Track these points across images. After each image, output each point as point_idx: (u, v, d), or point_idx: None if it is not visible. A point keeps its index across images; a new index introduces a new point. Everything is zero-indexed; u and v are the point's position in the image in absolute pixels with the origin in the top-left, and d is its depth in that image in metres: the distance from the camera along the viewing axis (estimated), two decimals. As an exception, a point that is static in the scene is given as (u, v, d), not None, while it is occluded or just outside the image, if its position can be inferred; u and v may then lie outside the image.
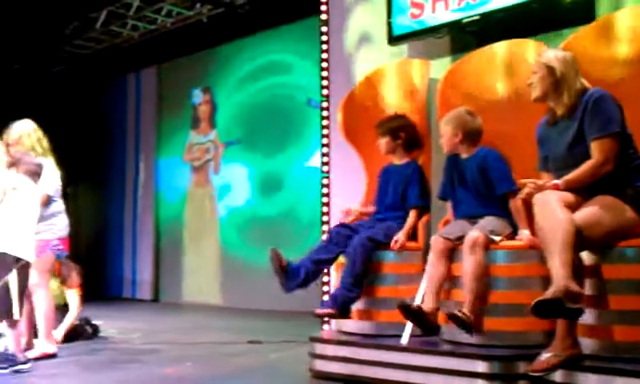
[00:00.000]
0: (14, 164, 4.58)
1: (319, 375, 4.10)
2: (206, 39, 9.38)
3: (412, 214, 4.24)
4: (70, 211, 5.35)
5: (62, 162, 5.26)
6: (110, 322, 6.66)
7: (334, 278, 4.73)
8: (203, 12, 8.81)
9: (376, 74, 4.91)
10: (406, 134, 4.41)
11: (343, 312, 4.06)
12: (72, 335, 5.71)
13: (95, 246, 10.80)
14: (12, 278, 4.35)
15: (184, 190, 10.04)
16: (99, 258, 10.75)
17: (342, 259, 4.19)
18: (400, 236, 4.12)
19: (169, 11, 8.96)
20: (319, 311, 4.12)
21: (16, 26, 9.56)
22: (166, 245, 10.21)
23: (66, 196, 5.30)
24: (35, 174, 4.64)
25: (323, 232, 5.31)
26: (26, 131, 5.00)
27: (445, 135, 4.04)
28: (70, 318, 5.72)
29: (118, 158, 10.92)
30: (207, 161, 9.76)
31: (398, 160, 4.46)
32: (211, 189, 9.67)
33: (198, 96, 9.97)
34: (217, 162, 9.62)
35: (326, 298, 5.06)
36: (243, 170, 9.22)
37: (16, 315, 4.33)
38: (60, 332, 5.51)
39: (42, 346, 4.87)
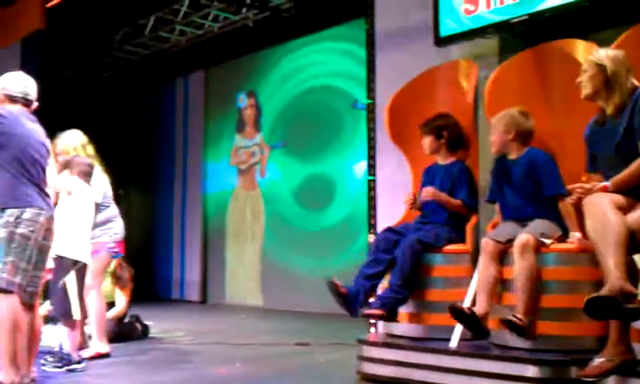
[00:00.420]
0: (66, 166, 4.72)
1: (367, 378, 4.11)
2: (251, 43, 9.48)
3: (460, 205, 4.22)
4: (121, 214, 5.47)
5: (111, 166, 5.41)
6: (159, 323, 6.78)
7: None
8: (249, 16, 8.90)
9: (423, 76, 4.89)
10: (450, 133, 4.39)
11: (390, 314, 4.06)
12: (123, 334, 5.84)
13: (145, 248, 10.99)
14: (70, 280, 4.49)
15: (230, 193, 10.15)
16: (148, 260, 10.95)
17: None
18: (430, 188, 4.18)
19: (215, 16, 9.08)
20: (367, 311, 4.13)
21: (67, 33, 9.83)
22: (213, 247, 10.35)
23: (117, 199, 5.44)
24: (88, 174, 4.77)
25: (370, 233, 5.31)
26: (71, 142, 5.14)
27: (495, 133, 4.00)
28: (112, 314, 5.81)
29: (167, 162, 11.10)
30: (253, 164, 9.86)
31: (442, 159, 4.44)
32: (257, 192, 9.76)
33: (243, 100, 10.08)
34: (263, 165, 9.71)
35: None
36: (288, 173, 9.28)
37: (76, 316, 4.46)
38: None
39: (95, 345, 5.00)
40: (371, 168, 5.51)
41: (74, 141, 5.15)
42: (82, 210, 4.64)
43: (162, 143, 11.23)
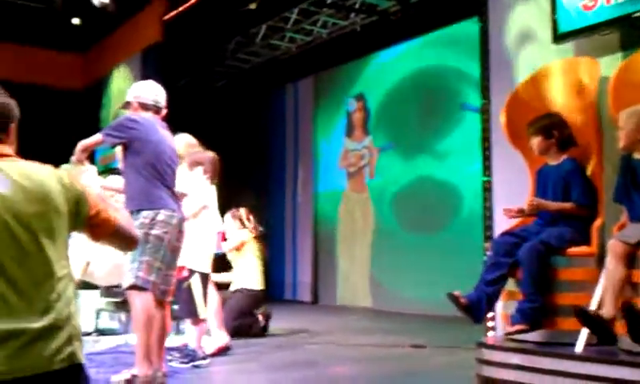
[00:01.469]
0: (199, 163, 4.94)
1: (487, 381, 4.05)
2: (359, 47, 9.57)
3: (573, 207, 4.09)
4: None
5: (225, 171, 5.61)
6: (274, 323, 6.97)
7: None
8: (357, 21, 8.98)
9: (541, 73, 4.77)
10: (559, 132, 4.26)
11: (534, 324, 3.93)
12: (244, 329, 6.07)
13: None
14: (194, 282, 4.72)
15: (340, 196, 10.28)
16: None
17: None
18: (536, 199, 4.04)
19: (324, 22, 9.23)
20: (510, 329, 4.01)
21: (183, 44, 10.28)
22: (323, 249, 10.51)
23: (230, 204, 5.65)
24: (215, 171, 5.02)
25: (486, 236, 5.23)
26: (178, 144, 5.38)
27: (625, 129, 3.83)
28: None
29: (278, 167, 11.39)
30: (362, 166, 9.94)
31: (553, 160, 4.30)
32: (366, 194, 9.83)
33: (352, 104, 10.18)
34: (372, 167, 9.77)
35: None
36: (398, 174, 9.29)
37: (201, 314, 4.69)
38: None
39: (215, 339, 5.21)
40: (486, 169, 5.42)
41: (180, 143, 5.38)
42: (211, 224, 4.87)
43: (273, 148, 11.52)
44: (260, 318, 6.42)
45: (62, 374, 1.93)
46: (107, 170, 8.05)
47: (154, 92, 4.04)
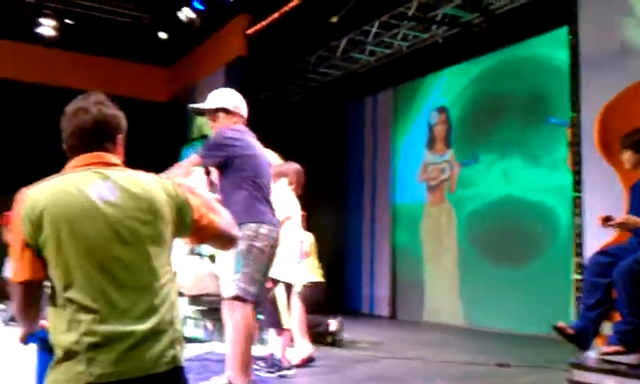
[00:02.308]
0: (284, 174, 4.99)
1: (578, 403, 3.93)
2: (441, 60, 9.49)
3: None
4: (313, 229, 5.69)
5: (303, 183, 5.64)
6: (352, 335, 6.96)
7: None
8: (438, 33, 8.91)
9: (636, 87, 4.62)
10: None
11: (631, 346, 3.81)
12: (320, 335, 6.10)
13: (336, 262, 11.34)
14: (278, 292, 4.78)
15: (420, 209, 10.19)
16: (339, 274, 11.26)
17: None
18: (630, 216, 3.90)
19: (405, 35, 9.19)
20: (606, 349, 3.92)
21: (265, 58, 10.46)
22: (402, 263, 10.43)
23: (309, 216, 5.67)
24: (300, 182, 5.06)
25: (577, 254, 5.08)
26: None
27: None
28: None
29: (356, 179, 11.40)
30: (443, 180, 9.82)
31: (646, 175, 4.16)
32: (448, 207, 9.70)
33: (434, 116, 10.09)
34: (453, 181, 9.64)
35: (573, 319, 4.79)
36: (479, 189, 9.13)
37: (285, 325, 4.73)
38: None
39: (299, 349, 5.24)
40: (576, 184, 5.28)
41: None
42: (295, 234, 4.92)
43: (352, 160, 11.54)
44: (333, 324, 6.42)
45: (165, 376, 1.99)
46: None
47: (236, 99, 4.05)
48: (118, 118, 2.21)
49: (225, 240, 2.34)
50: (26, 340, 2.15)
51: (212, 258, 5.92)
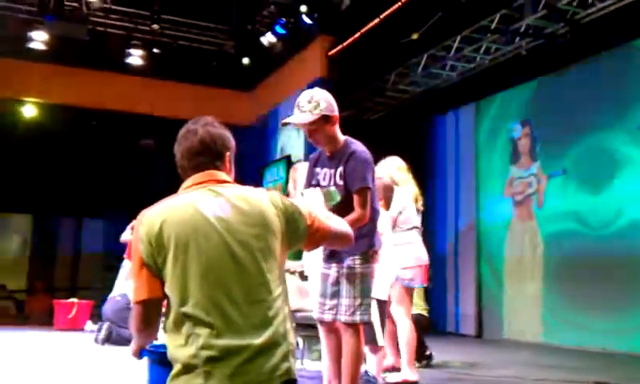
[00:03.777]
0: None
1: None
2: (523, 72, 9.31)
3: None
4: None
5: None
6: (440, 355, 6.84)
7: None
8: (522, 45, 8.76)
9: None
10: None
11: None
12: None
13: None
14: (373, 309, 4.71)
15: (506, 225, 9.97)
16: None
17: None
18: None
19: (487, 48, 9.08)
20: None
21: (346, 78, 10.55)
22: (488, 280, 10.22)
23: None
24: (385, 197, 4.98)
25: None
26: (386, 168, 5.44)
27: None
28: None
29: (439, 196, 11.26)
30: (530, 194, 9.59)
31: None
32: (534, 223, 9.46)
33: (517, 130, 9.90)
34: (540, 195, 9.40)
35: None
36: (568, 203, 8.86)
37: (380, 342, 4.66)
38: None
39: (404, 372, 5.17)
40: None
41: (389, 166, 5.45)
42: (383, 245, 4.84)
43: (435, 177, 11.42)
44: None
45: None
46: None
47: (330, 98, 3.60)
48: (225, 137, 2.30)
49: (340, 239, 2.40)
50: (139, 355, 2.23)
51: (302, 274, 5.97)
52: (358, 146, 3.60)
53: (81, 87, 12.08)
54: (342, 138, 3.62)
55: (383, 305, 4.80)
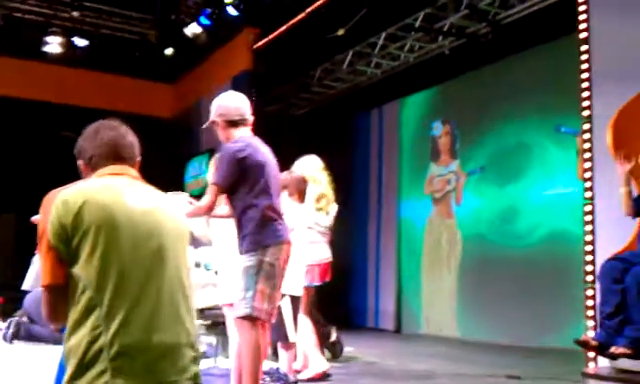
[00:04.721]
0: (284, 186, 4.84)
1: (593, 413, 3.84)
2: (446, 71, 9.44)
3: None
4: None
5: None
6: (359, 348, 6.86)
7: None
8: (445, 44, 8.87)
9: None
10: None
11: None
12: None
13: (341, 275, 11.21)
14: (284, 305, 4.64)
15: (425, 222, 10.11)
16: (345, 287, 11.13)
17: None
18: None
19: (411, 46, 9.16)
20: (614, 351, 3.82)
21: (271, 72, 10.45)
22: (407, 276, 10.33)
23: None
24: (301, 191, 4.94)
25: (588, 263, 4.98)
26: (307, 167, 5.39)
27: None
28: None
29: (361, 192, 11.32)
30: (448, 191, 9.75)
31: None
32: (453, 220, 9.62)
33: (437, 128, 10.04)
34: (459, 192, 9.58)
35: (590, 331, 4.69)
36: (487, 199, 9.06)
37: (291, 338, 4.61)
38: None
39: (314, 364, 5.12)
40: (587, 191, 5.19)
41: (309, 166, 5.38)
42: (297, 239, 4.75)
43: (357, 173, 11.48)
44: (333, 334, 6.32)
45: None
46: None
47: (238, 104, 3.81)
48: (136, 143, 2.27)
49: None
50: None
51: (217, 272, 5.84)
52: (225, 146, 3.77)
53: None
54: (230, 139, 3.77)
55: (296, 301, 4.75)
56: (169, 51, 12.07)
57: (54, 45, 11.48)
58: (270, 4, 10.20)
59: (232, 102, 3.82)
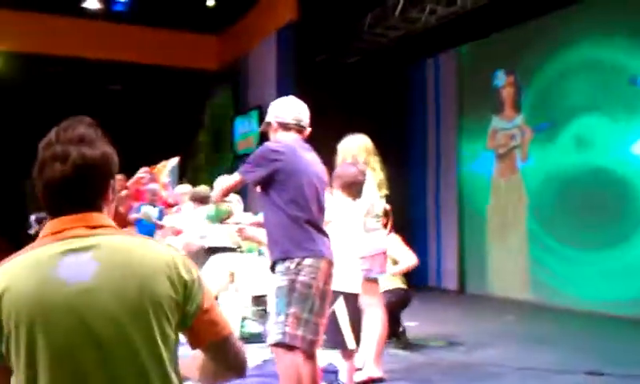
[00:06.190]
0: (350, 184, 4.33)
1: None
2: (508, 18, 8.67)
3: None
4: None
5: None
6: (420, 316, 6.45)
7: None
8: (508, -11, 8.09)
9: None
10: None
11: None
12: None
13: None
14: (339, 306, 4.12)
15: (488, 179, 9.52)
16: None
17: None
18: None
19: (468, -9, 8.39)
20: None
21: (319, 21, 9.87)
22: (470, 234, 9.84)
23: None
24: (353, 187, 4.34)
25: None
26: (350, 148, 4.86)
27: None
28: None
29: (419, 147, 10.78)
30: (513, 148, 9.10)
31: None
32: (518, 178, 9.00)
33: (501, 78, 9.31)
34: (524, 149, 8.92)
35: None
36: (554, 157, 8.39)
37: (350, 345, 4.13)
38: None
39: (368, 369, 4.72)
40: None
41: (352, 147, 4.87)
42: (346, 233, 4.26)
43: (414, 128, 10.91)
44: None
45: None
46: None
47: (295, 110, 3.58)
48: (108, 157, 1.59)
49: (227, 359, 1.69)
50: None
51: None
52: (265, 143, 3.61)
53: (36, 33, 11.29)
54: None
55: (351, 299, 4.20)
56: (211, 2, 11.56)
57: (92, 1, 11.23)
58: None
59: (290, 107, 3.63)
